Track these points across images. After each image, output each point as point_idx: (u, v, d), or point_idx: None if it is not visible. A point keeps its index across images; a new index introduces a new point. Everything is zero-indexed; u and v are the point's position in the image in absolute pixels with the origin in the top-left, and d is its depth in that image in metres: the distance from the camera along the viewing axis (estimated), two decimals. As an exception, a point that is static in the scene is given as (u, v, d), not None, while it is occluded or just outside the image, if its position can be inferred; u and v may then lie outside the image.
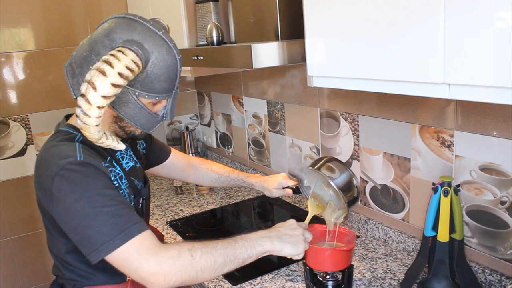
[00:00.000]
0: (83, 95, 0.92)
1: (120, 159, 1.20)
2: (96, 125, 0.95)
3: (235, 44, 1.49)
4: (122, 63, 0.93)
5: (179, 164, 1.57)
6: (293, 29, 1.39)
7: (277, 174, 1.50)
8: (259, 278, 1.37)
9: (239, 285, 1.34)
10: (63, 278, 1.17)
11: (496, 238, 1.19)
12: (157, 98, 1.06)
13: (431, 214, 1.14)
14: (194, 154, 2.54)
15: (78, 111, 0.94)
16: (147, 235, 0.97)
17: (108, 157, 1.14)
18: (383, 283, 1.29)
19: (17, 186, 2.29)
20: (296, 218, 1.22)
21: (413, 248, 1.44)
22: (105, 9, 2.37)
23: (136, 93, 1.04)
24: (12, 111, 2.23)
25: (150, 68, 1.01)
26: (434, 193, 1.13)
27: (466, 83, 0.81)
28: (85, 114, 0.93)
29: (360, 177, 1.61)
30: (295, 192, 1.43)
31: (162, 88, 1.06)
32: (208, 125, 2.67)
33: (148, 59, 1.00)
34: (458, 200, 1.12)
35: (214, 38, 1.63)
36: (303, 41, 1.20)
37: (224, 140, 2.53)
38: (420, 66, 0.88)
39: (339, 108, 1.64)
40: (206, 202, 2.08)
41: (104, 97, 0.93)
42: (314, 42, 1.17)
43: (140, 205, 1.24)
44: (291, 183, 1.44)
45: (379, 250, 1.49)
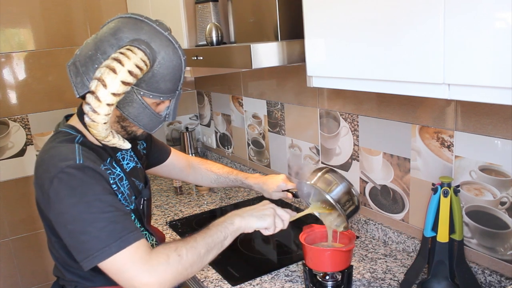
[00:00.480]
0: (92, 92, 0.92)
1: (121, 160, 1.20)
2: (104, 123, 0.95)
3: (234, 44, 1.49)
4: (132, 61, 0.93)
5: (179, 164, 1.57)
6: (292, 29, 1.39)
7: (276, 176, 1.49)
8: (258, 278, 1.37)
9: (238, 286, 1.34)
10: (64, 279, 1.17)
11: (496, 238, 1.19)
12: (162, 98, 1.07)
13: (431, 214, 1.14)
14: (194, 155, 2.54)
15: (86, 108, 0.93)
16: (141, 243, 0.97)
17: (108, 158, 1.14)
18: (383, 283, 1.29)
19: (16, 187, 2.28)
20: (297, 219, 1.21)
21: (412, 249, 1.43)
22: (105, 9, 2.37)
23: (141, 93, 1.04)
24: (12, 111, 2.23)
25: (157, 68, 1.02)
26: (434, 194, 1.13)
27: (466, 83, 0.81)
28: (94, 111, 0.93)
29: (360, 177, 1.60)
30: (294, 196, 1.42)
31: (166, 88, 1.06)
32: (208, 125, 2.67)
33: (155, 59, 1.00)
34: (458, 200, 1.12)
35: (214, 38, 1.63)
36: (302, 41, 1.20)
37: (224, 140, 2.53)
38: (420, 66, 0.88)
39: (338, 108, 1.63)
40: (205, 202, 2.08)
41: (114, 94, 0.93)
42: (313, 42, 1.17)
43: (141, 205, 1.24)
44: (290, 186, 1.44)
45: (378, 250, 1.49)
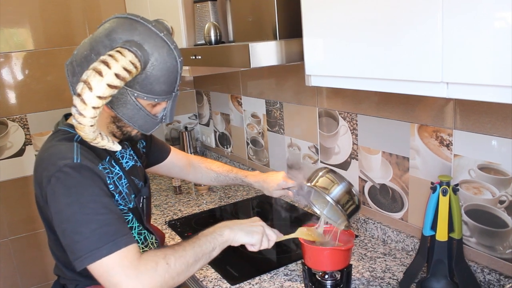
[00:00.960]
0: (78, 95, 0.92)
1: (120, 159, 1.20)
2: (91, 125, 0.95)
3: (233, 44, 1.48)
4: (120, 64, 0.92)
5: (179, 162, 1.57)
6: (291, 28, 1.39)
7: (276, 173, 1.49)
8: (257, 277, 1.37)
9: (237, 285, 1.34)
10: (65, 278, 1.17)
11: (495, 237, 1.19)
12: (156, 100, 1.05)
13: (430, 213, 1.14)
14: (193, 154, 2.53)
15: (73, 110, 0.93)
16: (132, 248, 0.97)
17: (107, 157, 1.14)
18: (382, 282, 1.29)
19: (15, 187, 2.28)
20: (296, 218, 1.22)
21: (412, 248, 1.43)
22: (103, 9, 2.37)
23: (135, 94, 1.03)
24: (11, 111, 2.23)
25: (150, 69, 1.00)
26: (433, 193, 1.13)
27: (464, 82, 0.81)
28: (80, 114, 0.92)
29: (359, 176, 1.60)
30: (295, 194, 1.42)
31: (161, 90, 1.04)
32: (207, 124, 2.67)
33: (148, 61, 0.99)
34: (457, 199, 1.12)
35: (212, 38, 1.63)
36: (301, 40, 1.20)
37: (223, 139, 2.53)
38: (418, 65, 0.88)
39: (337, 107, 1.63)
40: (205, 201, 2.08)
41: (100, 97, 0.92)
42: (312, 41, 1.17)
43: (140, 204, 1.24)
44: (290, 184, 1.44)
45: (377, 249, 1.49)
